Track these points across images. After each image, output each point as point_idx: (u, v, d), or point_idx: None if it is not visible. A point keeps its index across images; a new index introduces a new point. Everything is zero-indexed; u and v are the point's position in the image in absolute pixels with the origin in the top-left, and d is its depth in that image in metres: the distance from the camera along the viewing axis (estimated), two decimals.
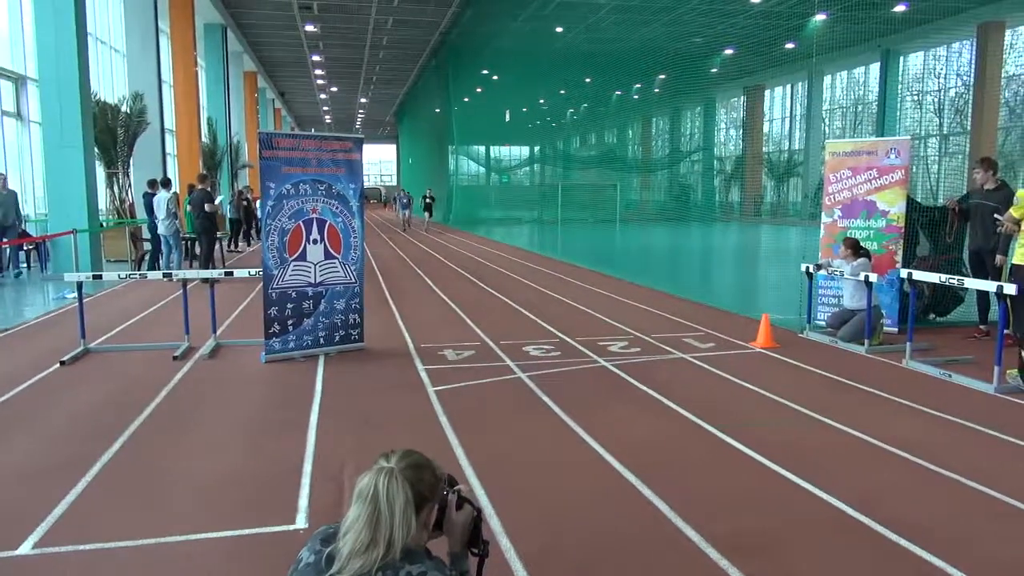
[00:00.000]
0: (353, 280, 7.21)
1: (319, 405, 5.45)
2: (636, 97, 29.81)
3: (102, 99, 17.20)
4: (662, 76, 24.36)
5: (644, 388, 5.92)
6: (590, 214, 31.99)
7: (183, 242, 13.42)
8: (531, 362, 6.78)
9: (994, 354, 5.90)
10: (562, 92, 32.20)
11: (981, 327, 7.88)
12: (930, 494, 3.87)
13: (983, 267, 7.68)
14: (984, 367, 6.24)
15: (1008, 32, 24.24)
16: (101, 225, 14.97)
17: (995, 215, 7.27)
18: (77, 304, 7.30)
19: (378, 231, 29.57)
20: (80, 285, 7.25)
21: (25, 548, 3.27)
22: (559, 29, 27.47)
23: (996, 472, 4.12)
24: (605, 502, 3.77)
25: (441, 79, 34.33)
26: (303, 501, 3.74)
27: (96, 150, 15.21)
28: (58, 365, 6.61)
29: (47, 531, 3.42)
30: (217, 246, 14.16)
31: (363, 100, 51.08)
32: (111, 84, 21.07)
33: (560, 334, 8.05)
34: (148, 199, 13.75)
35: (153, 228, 13.57)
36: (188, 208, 13.73)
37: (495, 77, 33.06)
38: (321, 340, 7.05)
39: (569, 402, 5.49)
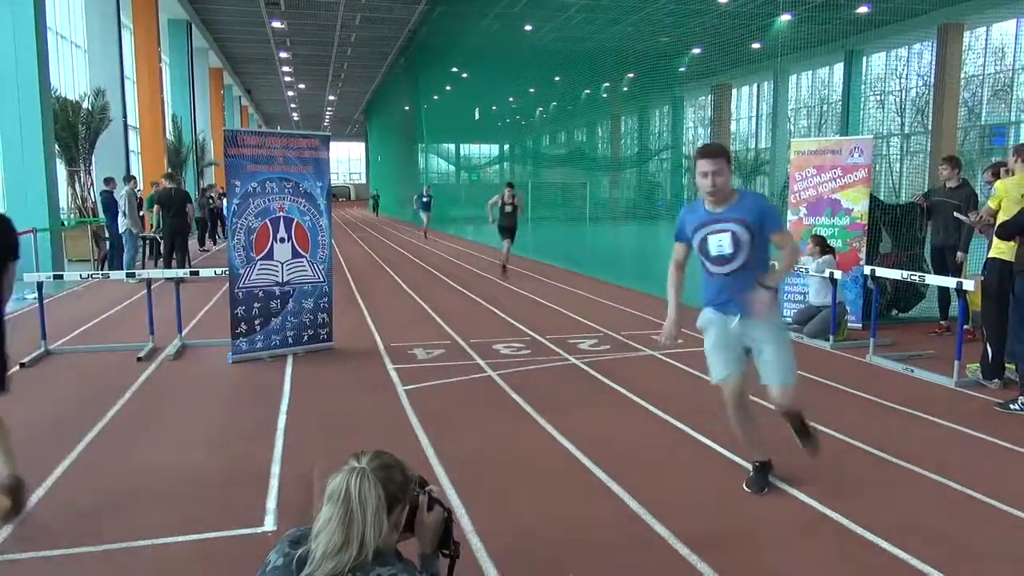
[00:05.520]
0: (321, 279, 7.15)
1: (287, 406, 5.40)
2: (605, 96, 29.96)
3: (62, 95, 16.82)
4: (631, 75, 24.48)
5: (614, 385, 5.95)
6: (560, 212, 32.08)
7: (145, 242, 13.16)
8: (501, 360, 6.78)
9: (954, 349, 6.03)
10: (531, 90, 32.22)
11: (942, 323, 8.05)
12: (894, 488, 3.94)
13: (944, 264, 7.84)
14: (945, 362, 6.37)
15: (967, 34, 24.76)
16: (62, 224, 14.65)
17: (956, 213, 7.44)
18: (37, 305, 7.15)
19: (347, 229, 29.36)
20: (40, 285, 7.10)
21: None
22: (528, 27, 27.47)
23: (958, 465, 4.21)
24: (576, 500, 3.79)
25: (410, 77, 34.16)
26: (271, 503, 3.71)
27: (57, 147, 14.88)
28: (18, 367, 6.46)
29: (7, 537, 3.35)
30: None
31: (331, 97, 50.64)
32: (72, 80, 20.60)
33: (530, 332, 8.06)
34: (106, 197, 13.42)
35: (112, 228, 13.23)
36: (155, 207, 13.46)
37: (464, 75, 32.98)
38: (289, 340, 6.98)
39: (539, 400, 5.50)
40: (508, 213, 13.41)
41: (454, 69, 32.61)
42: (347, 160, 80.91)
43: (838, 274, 7.28)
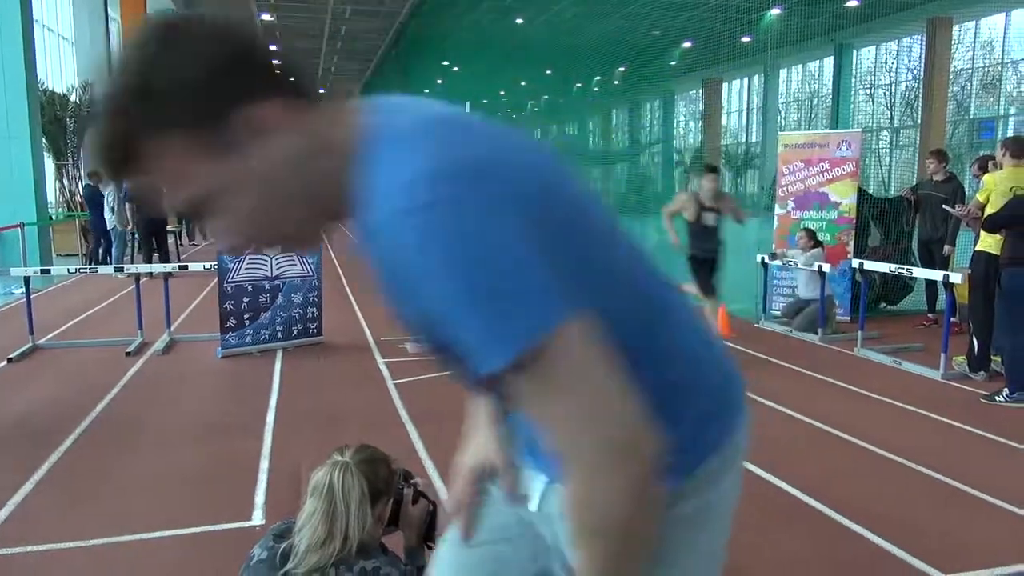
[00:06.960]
0: (311, 273, 7.14)
1: (277, 400, 5.39)
2: (596, 89, 29.96)
3: (50, 88, 16.72)
4: (622, 68, 24.50)
5: None
6: None
7: (134, 237, 13.02)
8: None
9: (941, 342, 6.07)
10: (523, 84, 32.17)
11: (929, 315, 8.10)
12: (880, 478, 3.97)
13: (932, 257, 7.89)
14: (932, 354, 6.41)
15: (956, 28, 24.83)
16: (50, 218, 14.57)
17: (944, 206, 7.48)
18: (25, 299, 7.10)
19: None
20: (27, 280, 7.06)
21: None
22: (519, 20, 27.43)
23: (942, 455, 4.24)
24: None
25: (400, 70, 34.04)
26: (259, 497, 3.71)
27: (44, 141, 14.79)
28: (5, 362, 6.43)
29: None
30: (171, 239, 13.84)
31: (321, 91, 50.49)
32: (59, 73, 20.46)
33: None
34: (90, 191, 13.19)
35: (96, 223, 12.97)
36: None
37: (455, 68, 32.86)
38: (279, 334, 6.97)
39: None
40: (711, 230, 6.75)
41: (445, 62, 32.52)
42: None
43: (826, 267, 7.32)
